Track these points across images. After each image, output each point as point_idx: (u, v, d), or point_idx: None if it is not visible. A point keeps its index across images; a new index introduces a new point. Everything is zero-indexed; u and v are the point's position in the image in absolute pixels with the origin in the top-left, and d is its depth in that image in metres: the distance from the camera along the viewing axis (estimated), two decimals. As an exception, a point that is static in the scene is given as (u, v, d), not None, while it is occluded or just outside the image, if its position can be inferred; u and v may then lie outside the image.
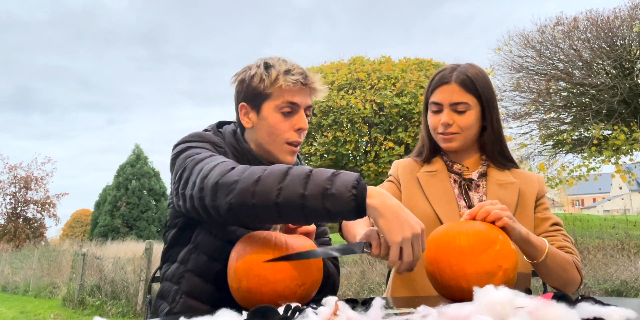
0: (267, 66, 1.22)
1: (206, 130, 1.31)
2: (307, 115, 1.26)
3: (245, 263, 0.95)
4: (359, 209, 0.89)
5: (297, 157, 1.41)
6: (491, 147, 1.43)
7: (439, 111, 1.40)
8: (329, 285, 1.23)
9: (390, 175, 1.55)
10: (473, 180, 1.43)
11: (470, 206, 1.38)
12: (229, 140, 1.27)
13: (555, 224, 1.40)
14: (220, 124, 1.36)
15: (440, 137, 1.41)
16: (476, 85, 1.37)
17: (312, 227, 1.07)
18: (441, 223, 1.31)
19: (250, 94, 1.24)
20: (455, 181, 1.44)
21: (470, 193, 1.41)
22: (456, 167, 1.45)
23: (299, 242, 1.00)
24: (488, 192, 1.40)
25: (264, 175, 0.93)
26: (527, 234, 1.11)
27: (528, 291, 1.30)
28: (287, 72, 1.20)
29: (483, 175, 1.44)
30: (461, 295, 0.94)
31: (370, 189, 0.92)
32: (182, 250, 1.25)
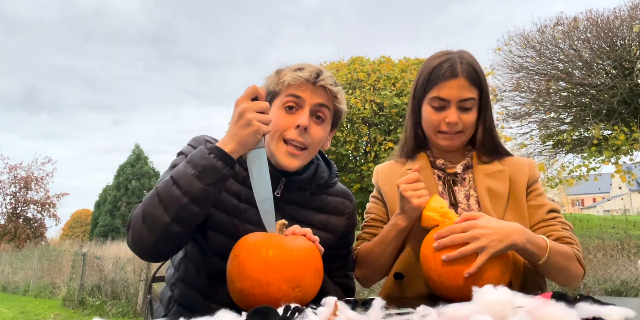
0: (283, 69, 1.21)
1: None
2: (319, 117, 1.18)
3: (239, 265, 0.94)
4: (226, 161, 1.00)
5: (330, 170, 1.30)
6: (482, 142, 1.34)
7: (442, 108, 1.27)
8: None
9: (374, 184, 1.47)
10: (458, 174, 1.34)
11: (454, 203, 1.31)
12: None
13: (552, 210, 1.30)
14: None
15: (441, 135, 1.30)
16: (481, 78, 1.28)
17: (307, 229, 1.06)
18: None
19: (266, 94, 1.24)
20: (439, 177, 1.36)
21: (456, 188, 1.33)
22: (439, 162, 1.37)
23: (295, 242, 0.98)
24: (477, 184, 1.30)
25: (145, 210, 1.00)
26: (524, 244, 1.04)
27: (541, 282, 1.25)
28: (298, 70, 1.17)
29: (468, 167, 1.35)
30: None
31: (220, 142, 1.03)
32: (178, 256, 1.26)
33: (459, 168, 1.35)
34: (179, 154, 1.22)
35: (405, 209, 1.19)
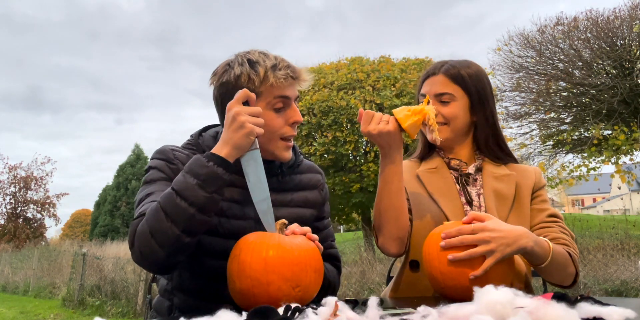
0: (252, 63, 1.14)
1: (191, 136, 1.30)
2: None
3: (239, 264, 0.94)
4: (226, 167, 1.02)
5: (295, 151, 1.32)
6: (485, 141, 1.41)
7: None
8: (328, 292, 1.20)
9: None
10: (470, 174, 1.40)
11: (469, 201, 1.36)
12: (207, 144, 1.23)
13: (553, 215, 1.36)
14: (206, 129, 1.32)
15: (427, 128, 1.38)
16: (464, 77, 1.36)
17: (307, 228, 1.06)
18: (447, 219, 1.30)
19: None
20: (455, 177, 1.42)
21: (469, 188, 1.39)
22: (454, 163, 1.42)
23: (295, 242, 0.98)
24: (485, 185, 1.37)
25: (152, 226, 1.00)
26: (532, 248, 1.06)
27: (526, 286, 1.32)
28: (274, 67, 1.13)
29: (479, 169, 1.42)
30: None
31: (215, 148, 1.04)
32: None
33: (471, 169, 1.41)
34: (148, 169, 1.21)
35: (385, 146, 1.28)
